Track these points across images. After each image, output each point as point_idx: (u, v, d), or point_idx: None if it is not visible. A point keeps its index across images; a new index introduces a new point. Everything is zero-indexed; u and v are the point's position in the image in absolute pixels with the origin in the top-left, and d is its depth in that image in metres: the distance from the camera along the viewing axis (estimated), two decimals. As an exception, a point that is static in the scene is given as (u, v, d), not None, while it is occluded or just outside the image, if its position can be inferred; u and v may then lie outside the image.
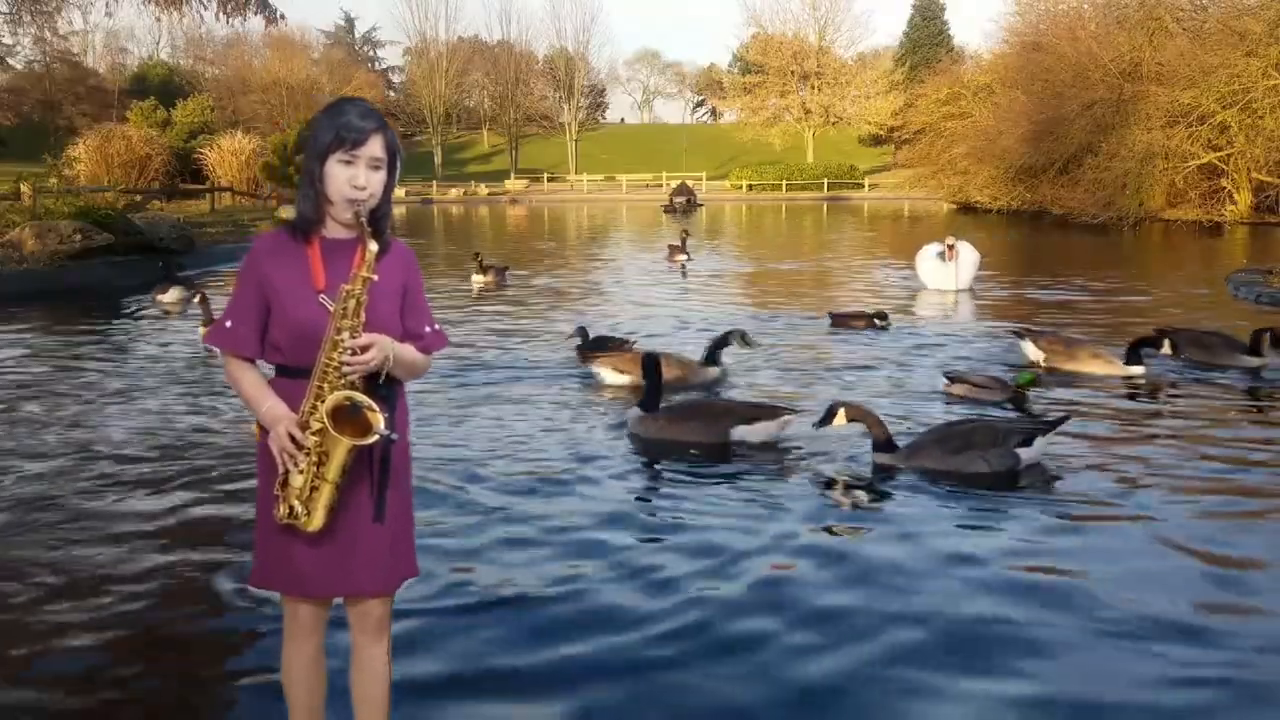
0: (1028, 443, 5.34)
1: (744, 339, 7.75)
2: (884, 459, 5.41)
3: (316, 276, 2.27)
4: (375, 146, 2.25)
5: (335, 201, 2.26)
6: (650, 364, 6.20)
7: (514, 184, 65.88)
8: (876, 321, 10.20)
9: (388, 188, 2.32)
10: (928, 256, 13.61)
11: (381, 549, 2.35)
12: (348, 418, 2.18)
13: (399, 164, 2.34)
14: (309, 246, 2.30)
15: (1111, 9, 35.53)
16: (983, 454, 5.28)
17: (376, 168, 2.27)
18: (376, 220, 2.28)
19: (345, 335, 2.19)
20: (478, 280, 14.10)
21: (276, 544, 2.32)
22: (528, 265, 18.03)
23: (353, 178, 2.23)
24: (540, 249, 22.75)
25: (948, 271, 13.23)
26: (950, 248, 13.14)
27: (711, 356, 7.74)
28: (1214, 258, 19.60)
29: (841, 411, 5.47)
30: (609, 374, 7.58)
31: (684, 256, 17.71)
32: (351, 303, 2.19)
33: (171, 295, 12.58)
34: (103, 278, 14.89)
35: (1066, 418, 5.75)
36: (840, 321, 10.33)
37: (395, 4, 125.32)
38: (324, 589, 2.38)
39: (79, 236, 15.57)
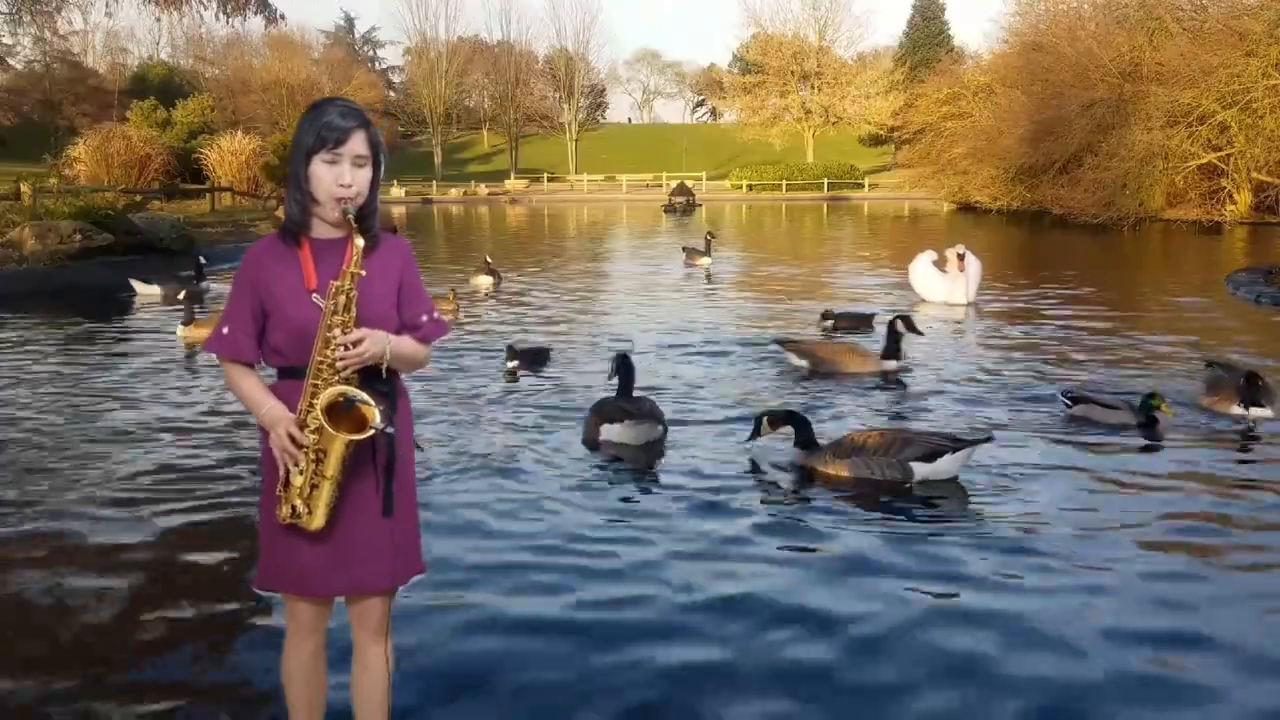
0: (930, 458, 5.09)
1: (909, 324, 8.11)
2: (798, 456, 5.48)
3: (308, 277, 2.28)
4: (358, 144, 2.25)
5: (322, 201, 2.27)
6: (621, 363, 6.39)
7: (514, 184, 65.89)
8: (823, 322, 10.35)
9: (374, 184, 2.32)
10: (923, 266, 12.34)
11: (384, 545, 2.35)
12: (343, 413, 2.18)
13: (384, 159, 2.35)
14: (299, 248, 2.31)
15: (1111, 9, 35.50)
16: (869, 461, 5.18)
17: (361, 165, 2.27)
18: (364, 216, 2.29)
19: (337, 331, 2.20)
20: (485, 281, 13.97)
21: (280, 545, 2.33)
22: (546, 269, 17.62)
23: (338, 176, 2.24)
24: (551, 252, 22.41)
25: (954, 283, 11.91)
26: (960, 257, 11.84)
27: (892, 349, 7.98)
28: (1214, 258, 19.59)
29: (766, 421, 5.54)
30: (793, 358, 8.17)
31: (707, 260, 16.85)
32: (341, 299, 2.20)
33: (139, 288, 13.13)
34: (102, 278, 14.88)
35: (989, 438, 5.42)
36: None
37: (395, 4, 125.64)
38: (327, 586, 2.38)
39: (79, 236, 15.58)
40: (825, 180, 60.84)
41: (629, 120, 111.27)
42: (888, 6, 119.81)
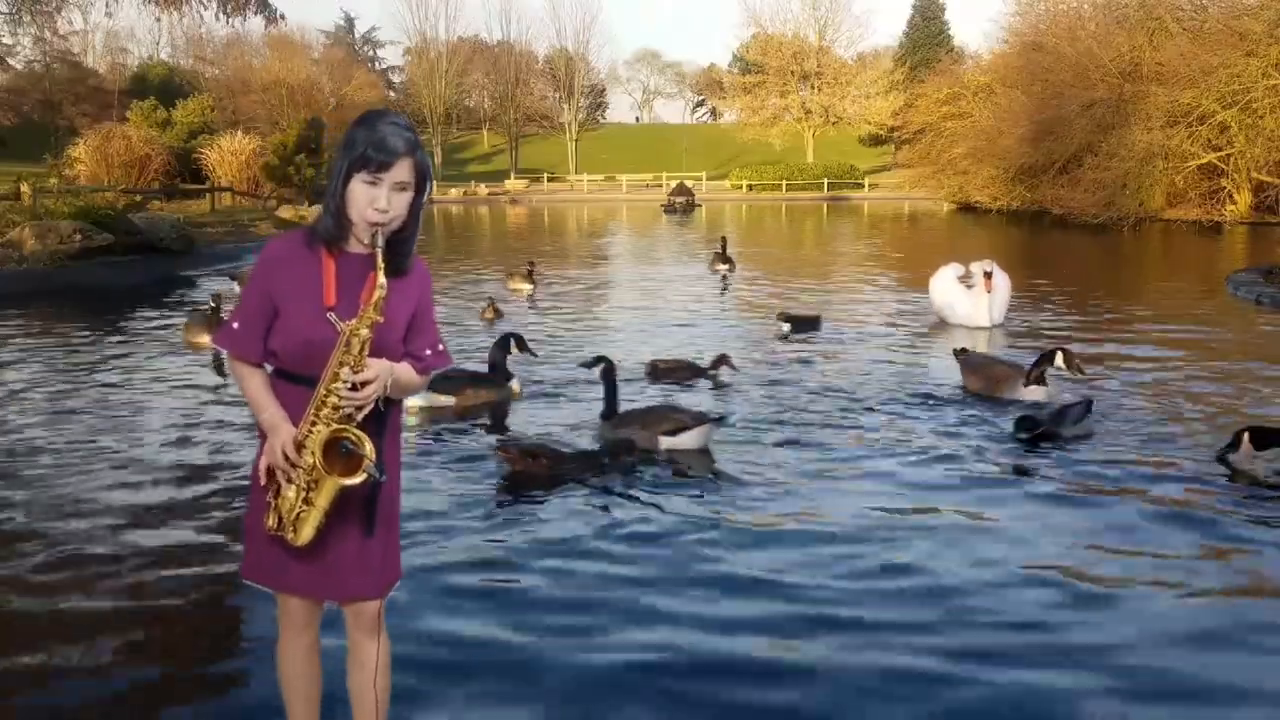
0: (674, 433, 5.76)
1: (1069, 361, 7.03)
2: (602, 426, 6.13)
3: (328, 293, 2.22)
4: (402, 170, 2.16)
5: (356, 221, 2.19)
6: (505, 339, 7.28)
7: (514, 184, 65.93)
8: (783, 326, 10.02)
9: (415, 208, 2.24)
10: (945, 281, 10.81)
11: (370, 555, 2.35)
12: (339, 454, 2.17)
13: (430, 185, 2.26)
14: (326, 258, 2.24)
15: (1111, 9, 35.51)
16: (631, 433, 5.79)
17: (402, 189, 2.19)
18: (401, 241, 2.23)
19: (345, 370, 2.16)
20: (525, 287, 13.66)
21: (267, 545, 2.32)
22: (560, 271, 17.14)
23: (374, 199, 2.16)
24: (558, 253, 22.12)
25: (978, 303, 10.38)
26: (988, 276, 10.35)
27: (1035, 376, 7.03)
28: (1214, 258, 19.59)
29: (603, 366, 6.22)
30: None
31: (725, 266, 16.34)
32: (355, 341, 2.16)
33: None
34: (102, 278, 14.88)
35: (723, 418, 6.10)
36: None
37: (395, 4, 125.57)
38: (311, 592, 2.39)
39: (79, 236, 15.57)
40: (825, 180, 60.87)
41: (636, 119, 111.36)
42: (888, 6, 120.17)
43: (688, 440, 5.79)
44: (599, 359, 6.33)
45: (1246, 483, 5.20)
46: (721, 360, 7.83)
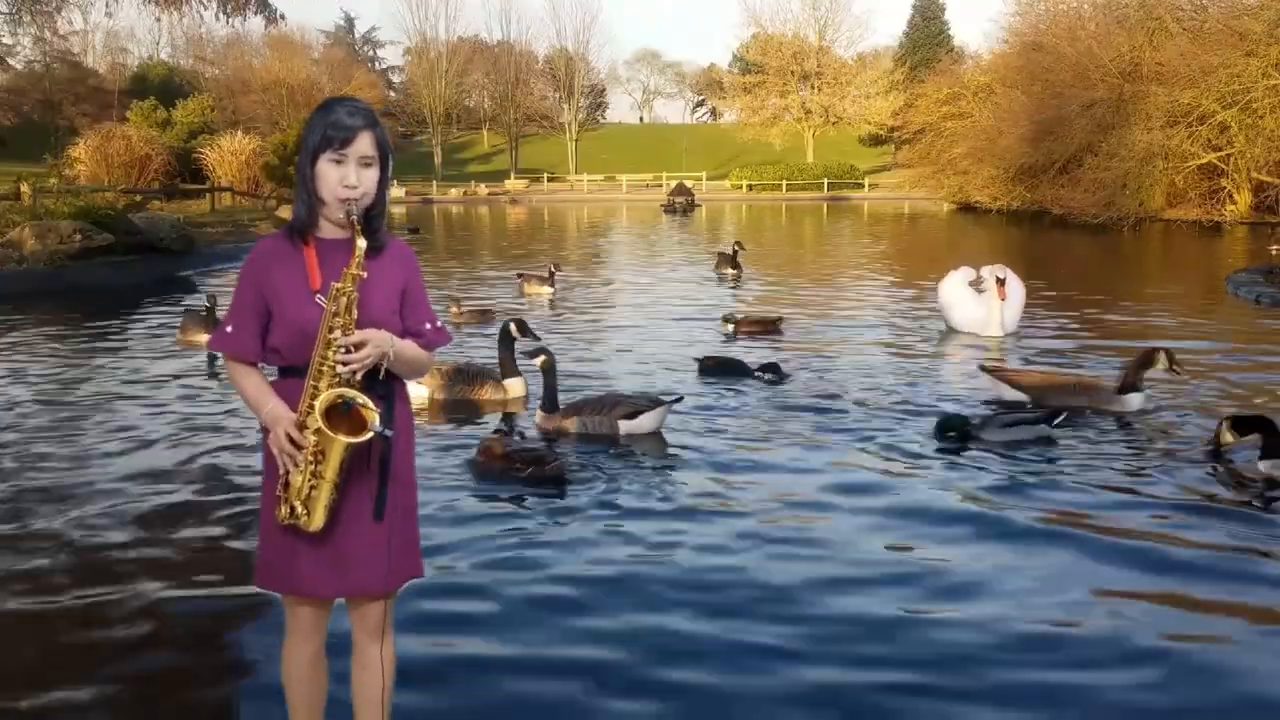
0: (631, 416, 5.98)
1: (1171, 361, 6.70)
2: (540, 418, 6.23)
3: (313, 277, 2.26)
4: (364, 144, 2.24)
5: (328, 201, 2.25)
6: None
7: (514, 184, 66.00)
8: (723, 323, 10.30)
9: (381, 184, 2.31)
10: (955, 286, 10.27)
11: (381, 549, 2.33)
12: (342, 416, 2.18)
13: (390, 160, 2.34)
14: (306, 248, 2.30)
15: (1111, 9, 35.51)
16: (586, 419, 6.03)
17: (368, 165, 2.26)
18: (371, 218, 2.28)
19: (337, 334, 2.19)
20: (545, 290, 13.43)
21: (279, 545, 2.32)
22: (570, 275, 16.55)
23: (343, 177, 2.23)
24: (563, 255, 21.84)
25: (990, 311, 9.82)
26: (1001, 282, 9.74)
27: (1131, 383, 6.67)
28: (1214, 258, 19.59)
29: (542, 359, 6.32)
30: (1005, 390, 7.03)
31: (732, 271, 16.09)
32: (343, 300, 2.19)
33: None
34: (102, 278, 14.88)
35: (679, 399, 6.33)
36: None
37: (395, 4, 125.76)
38: (324, 589, 2.37)
39: (79, 236, 15.56)
40: (825, 180, 60.95)
41: (641, 119, 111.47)
42: (888, 6, 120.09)
43: (645, 423, 5.99)
44: (539, 350, 6.42)
45: (1253, 491, 5.21)
46: (770, 367, 7.89)
